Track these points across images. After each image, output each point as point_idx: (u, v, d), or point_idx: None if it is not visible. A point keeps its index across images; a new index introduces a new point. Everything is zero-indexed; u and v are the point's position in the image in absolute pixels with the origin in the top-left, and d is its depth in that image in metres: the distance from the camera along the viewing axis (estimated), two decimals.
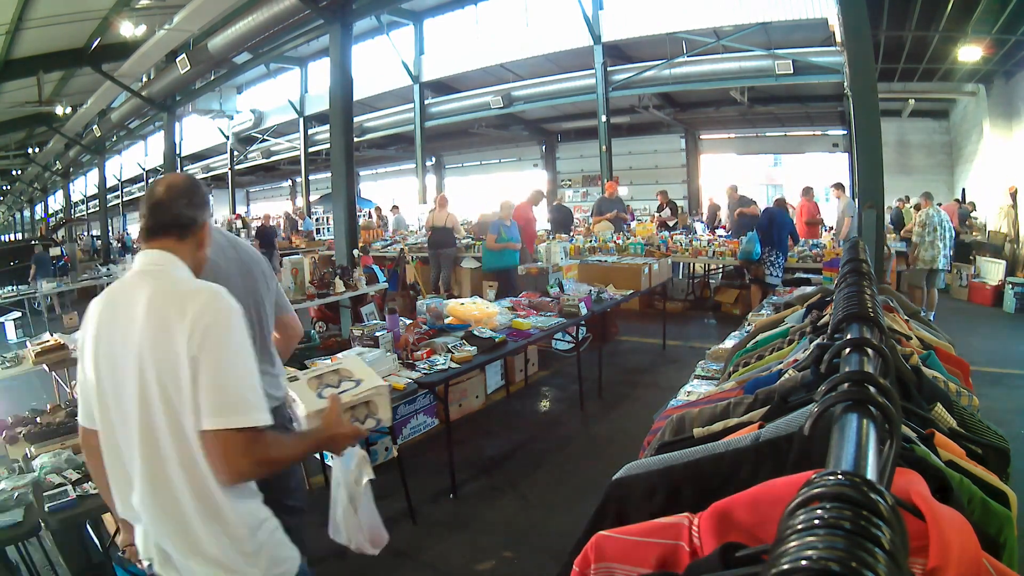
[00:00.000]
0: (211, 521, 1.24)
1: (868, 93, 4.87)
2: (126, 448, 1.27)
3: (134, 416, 1.23)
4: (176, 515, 1.24)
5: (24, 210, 31.95)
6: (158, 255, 1.33)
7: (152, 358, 1.21)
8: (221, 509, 1.24)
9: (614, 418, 4.45)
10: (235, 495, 1.26)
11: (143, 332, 1.23)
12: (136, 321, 1.24)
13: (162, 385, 1.21)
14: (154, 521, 1.26)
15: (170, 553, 1.27)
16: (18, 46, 8.80)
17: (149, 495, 1.24)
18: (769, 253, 7.06)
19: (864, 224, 4.81)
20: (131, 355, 1.23)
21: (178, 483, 1.23)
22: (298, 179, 19.73)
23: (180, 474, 1.22)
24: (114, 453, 1.31)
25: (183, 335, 1.19)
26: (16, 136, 16.74)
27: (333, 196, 7.54)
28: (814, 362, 1.10)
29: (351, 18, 7.26)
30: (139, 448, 1.24)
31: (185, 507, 1.23)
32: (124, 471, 1.30)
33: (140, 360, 1.22)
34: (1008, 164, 9.43)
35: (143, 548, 1.33)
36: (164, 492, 1.23)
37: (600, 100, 11.10)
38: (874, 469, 0.56)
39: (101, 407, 1.31)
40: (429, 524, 3.07)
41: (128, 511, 1.33)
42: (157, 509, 1.25)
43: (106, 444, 1.33)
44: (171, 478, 1.23)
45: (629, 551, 0.75)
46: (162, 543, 1.28)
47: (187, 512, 1.23)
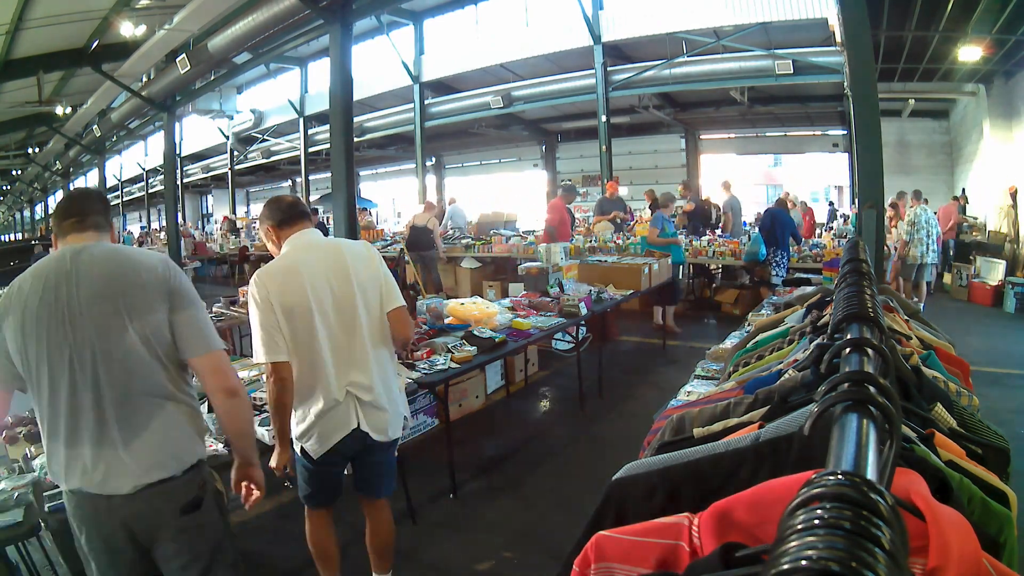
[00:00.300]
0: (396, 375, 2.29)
1: (868, 93, 4.87)
2: (346, 343, 2.07)
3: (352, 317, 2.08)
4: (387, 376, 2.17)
5: (24, 210, 31.96)
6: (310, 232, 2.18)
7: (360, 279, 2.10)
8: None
9: (614, 418, 4.45)
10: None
11: (354, 264, 2.10)
12: (342, 259, 2.10)
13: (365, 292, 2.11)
14: (373, 385, 2.09)
15: (383, 405, 2.12)
16: (18, 46, 8.81)
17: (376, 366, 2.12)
18: (774, 254, 7.03)
19: (864, 224, 4.81)
20: (345, 280, 2.07)
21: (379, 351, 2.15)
22: (298, 179, 19.73)
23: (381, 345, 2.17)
24: (329, 355, 2.03)
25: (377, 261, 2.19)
26: (16, 136, 16.75)
27: (333, 196, 7.54)
28: (814, 362, 1.10)
29: (351, 18, 7.26)
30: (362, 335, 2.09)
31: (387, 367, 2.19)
32: (344, 360, 2.06)
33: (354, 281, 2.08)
34: (1008, 164, 9.43)
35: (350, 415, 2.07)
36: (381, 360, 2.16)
37: (600, 100, 11.10)
38: (874, 469, 0.56)
39: (317, 325, 2.01)
40: (429, 524, 3.07)
41: (341, 389, 2.04)
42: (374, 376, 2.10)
43: (320, 354, 2.02)
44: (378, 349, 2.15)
45: (629, 551, 0.75)
46: (377, 400, 2.10)
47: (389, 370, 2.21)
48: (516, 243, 9.30)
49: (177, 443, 1.57)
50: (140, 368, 1.51)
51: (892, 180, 7.25)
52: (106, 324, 1.48)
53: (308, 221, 2.17)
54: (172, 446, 1.55)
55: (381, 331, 2.16)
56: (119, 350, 1.48)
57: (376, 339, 2.13)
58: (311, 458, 2.09)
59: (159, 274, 1.55)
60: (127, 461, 1.49)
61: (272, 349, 1.95)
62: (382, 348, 2.16)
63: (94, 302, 1.47)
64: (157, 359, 1.54)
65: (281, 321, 1.96)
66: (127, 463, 1.49)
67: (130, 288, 1.51)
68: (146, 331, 1.51)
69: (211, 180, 24.80)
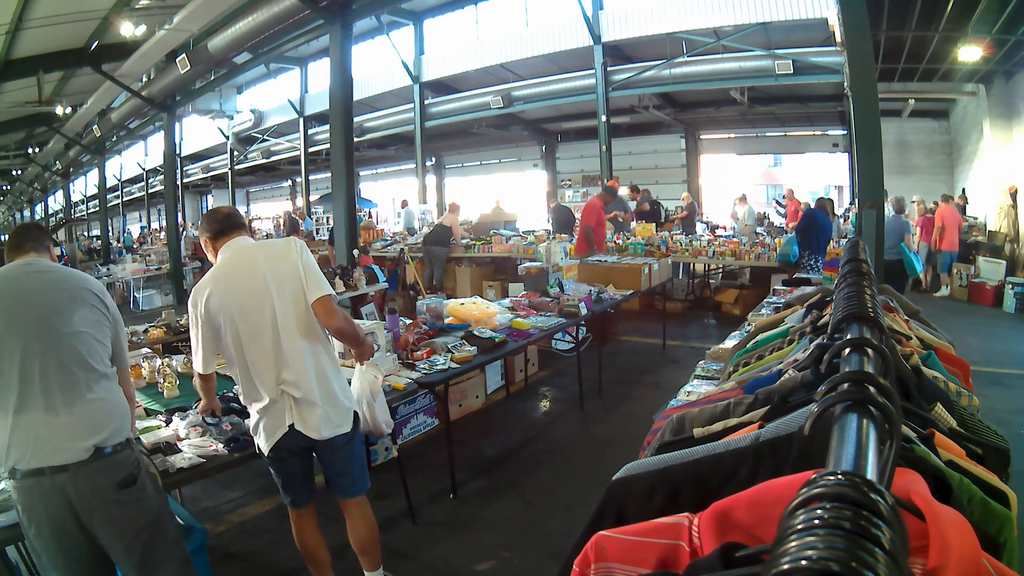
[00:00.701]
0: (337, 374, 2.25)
1: (868, 93, 4.86)
2: (270, 343, 2.10)
3: (271, 315, 2.10)
4: (319, 372, 2.16)
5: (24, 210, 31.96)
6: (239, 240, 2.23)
7: (276, 275, 2.11)
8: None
9: (614, 418, 4.45)
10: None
11: (269, 262, 2.12)
12: (257, 260, 2.13)
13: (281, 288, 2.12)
14: (302, 382, 2.10)
15: (315, 401, 2.12)
16: (18, 46, 8.79)
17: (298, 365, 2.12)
18: (808, 257, 6.78)
19: (864, 224, 4.81)
20: (260, 280, 2.10)
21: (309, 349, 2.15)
22: (298, 179, 19.74)
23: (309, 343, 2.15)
24: (259, 357, 2.10)
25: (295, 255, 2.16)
26: (16, 136, 16.73)
27: (333, 196, 7.54)
28: (814, 362, 1.10)
29: (351, 18, 7.26)
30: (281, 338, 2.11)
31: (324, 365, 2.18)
32: (270, 361, 2.09)
33: (268, 279, 2.10)
34: (1008, 164, 9.43)
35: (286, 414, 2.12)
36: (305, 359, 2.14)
37: (600, 100, 11.09)
38: (874, 469, 0.56)
39: (240, 328, 2.09)
40: (429, 524, 3.07)
41: (275, 388, 2.10)
42: (304, 373, 2.11)
43: (252, 356, 2.10)
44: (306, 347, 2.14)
45: (629, 551, 0.75)
46: (308, 396, 2.10)
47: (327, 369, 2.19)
48: (516, 243, 9.30)
49: (111, 417, 1.81)
50: (87, 347, 1.82)
51: (892, 180, 7.25)
52: (58, 311, 1.80)
53: (241, 231, 2.24)
54: (107, 418, 1.79)
55: (307, 325, 2.14)
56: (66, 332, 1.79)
57: (303, 333, 2.12)
58: (263, 453, 2.20)
59: (94, 289, 1.94)
60: (71, 424, 1.72)
61: (201, 361, 2.19)
62: (312, 342, 2.15)
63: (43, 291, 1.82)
64: (98, 343, 1.87)
65: (212, 333, 2.12)
66: (71, 426, 1.72)
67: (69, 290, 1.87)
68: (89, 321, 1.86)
69: (211, 180, 24.78)
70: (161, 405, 2.99)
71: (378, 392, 2.45)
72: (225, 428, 2.44)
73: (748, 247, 7.76)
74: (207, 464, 2.24)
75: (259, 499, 3.42)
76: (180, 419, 2.54)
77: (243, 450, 2.34)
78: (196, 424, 2.47)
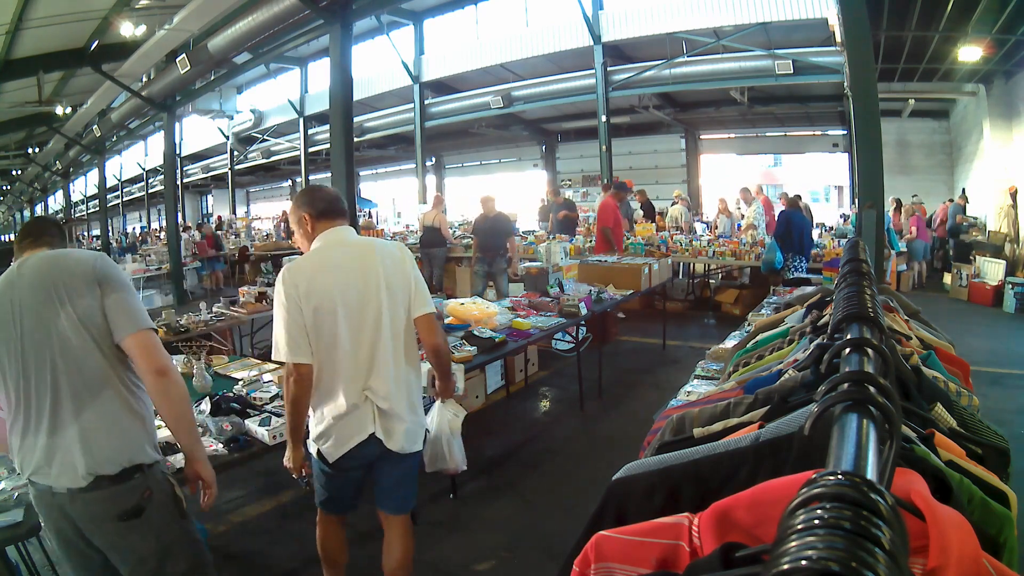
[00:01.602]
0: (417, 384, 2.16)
1: (868, 93, 4.86)
2: (368, 346, 1.98)
3: (376, 320, 1.99)
4: (408, 386, 2.07)
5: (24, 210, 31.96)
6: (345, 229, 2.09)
7: (389, 281, 2.00)
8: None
9: (614, 418, 4.45)
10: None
11: (384, 266, 2.00)
12: (372, 260, 2.00)
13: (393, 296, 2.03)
14: (390, 393, 2.00)
15: (402, 415, 2.03)
16: (18, 46, 8.80)
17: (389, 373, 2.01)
18: (791, 259, 6.73)
19: (864, 224, 4.81)
20: (372, 282, 1.98)
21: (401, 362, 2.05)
22: (298, 179, 19.74)
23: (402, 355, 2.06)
24: (349, 358, 1.96)
25: (408, 264, 2.09)
26: (16, 136, 16.74)
27: None
28: (814, 362, 1.10)
29: (351, 18, 7.25)
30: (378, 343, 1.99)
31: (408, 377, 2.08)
32: (362, 365, 1.97)
33: (382, 284, 1.99)
34: (1008, 164, 9.43)
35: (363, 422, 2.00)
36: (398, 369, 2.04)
37: (600, 100, 11.09)
38: (874, 469, 0.56)
39: (340, 326, 1.94)
40: (429, 524, 3.07)
41: (360, 394, 1.97)
42: (394, 383, 2.01)
43: (341, 355, 1.95)
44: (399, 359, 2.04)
45: (629, 551, 0.75)
46: (396, 409, 2.01)
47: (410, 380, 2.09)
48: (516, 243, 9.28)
49: (111, 435, 1.57)
50: (76, 353, 1.55)
51: (892, 180, 7.23)
52: (41, 312, 1.55)
53: (345, 218, 2.10)
54: (106, 438, 1.56)
55: (407, 337, 2.06)
56: (54, 336, 1.54)
57: (401, 345, 2.03)
58: (326, 461, 2.01)
59: (88, 264, 1.61)
60: (65, 448, 1.53)
61: (295, 349, 1.90)
62: (407, 355, 2.06)
63: (30, 294, 1.56)
64: (93, 342, 1.57)
65: (307, 320, 1.91)
66: (66, 449, 1.53)
67: (61, 278, 1.57)
68: (77, 314, 1.55)
69: (211, 180, 24.80)
70: None
71: (456, 431, 2.44)
72: (225, 428, 2.44)
73: (748, 247, 7.76)
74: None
75: (259, 499, 3.42)
76: None
77: (243, 450, 2.35)
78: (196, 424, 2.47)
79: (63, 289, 1.55)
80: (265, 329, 5.43)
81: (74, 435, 1.53)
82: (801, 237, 6.80)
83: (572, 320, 4.34)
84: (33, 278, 1.58)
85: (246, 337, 5.46)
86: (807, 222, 7.20)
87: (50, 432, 1.54)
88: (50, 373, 1.54)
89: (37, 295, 1.56)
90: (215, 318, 4.91)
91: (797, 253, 6.80)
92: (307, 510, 3.27)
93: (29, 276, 1.59)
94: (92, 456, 1.53)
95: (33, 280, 1.58)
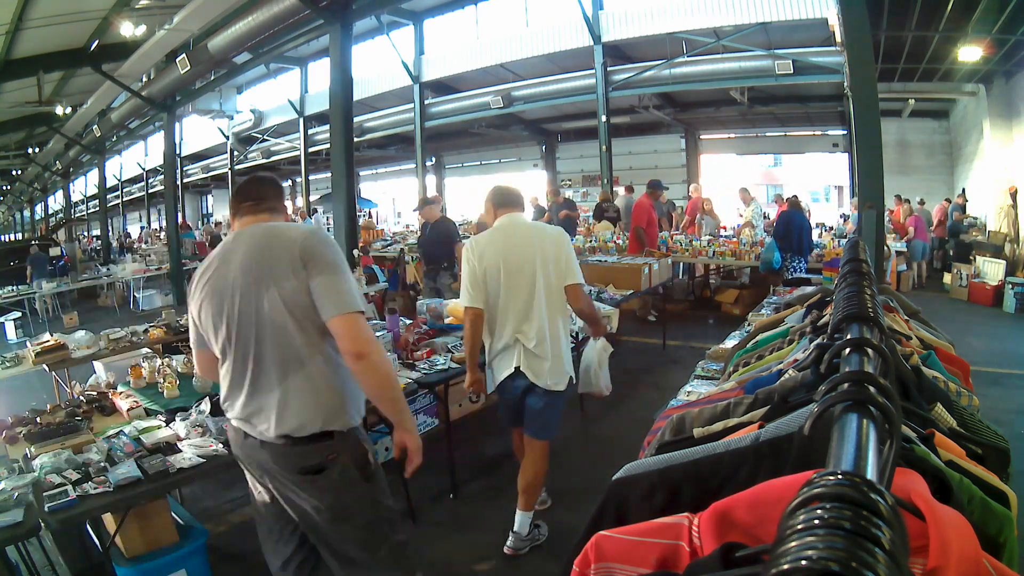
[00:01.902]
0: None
1: (868, 93, 4.86)
2: (522, 301, 2.62)
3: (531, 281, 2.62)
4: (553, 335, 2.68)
5: (24, 210, 31.95)
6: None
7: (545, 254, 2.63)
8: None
9: (614, 418, 4.44)
10: None
11: (542, 242, 2.65)
12: (532, 237, 2.68)
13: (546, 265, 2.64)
14: (536, 337, 2.61)
15: (544, 356, 2.64)
16: (18, 46, 8.79)
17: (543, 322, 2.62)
18: (790, 259, 6.70)
19: (864, 224, 4.81)
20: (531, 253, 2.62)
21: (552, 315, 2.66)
22: (298, 179, 19.72)
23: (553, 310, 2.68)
24: (508, 308, 2.63)
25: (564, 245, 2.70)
26: (16, 136, 16.73)
27: (333, 196, 7.54)
28: (814, 362, 1.10)
29: (351, 18, 7.26)
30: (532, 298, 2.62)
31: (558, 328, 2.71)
32: (518, 312, 2.62)
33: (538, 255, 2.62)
34: (1008, 164, 9.43)
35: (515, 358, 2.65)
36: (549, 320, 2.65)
37: (600, 100, 11.09)
38: (874, 469, 0.56)
39: (503, 283, 2.63)
40: (429, 524, 3.07)
41: (512, 336, 2.64)
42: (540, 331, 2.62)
43: (506, 299, 2.63)
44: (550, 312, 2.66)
45: (629, 551, 0.75)
46: (538, 350, 2.62)
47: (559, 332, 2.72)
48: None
49: (304, 406, 1.66)
50: (280, 332, 1.64)
51: (892, 180, 7.23)
52: (248, 292, 1.66)
53: (518, 208, 2.82)
54: (301, 407, 1.66)
55: (558, 298, 2.68)
56: (260, 315, 1.65)
57: (550, 303, 2.65)
58: (493, 382, 2.75)
59: (296, 246, 1.66)
60: (264, 408, 1.67)
61: (467, 297, 2.66)
62: (554, 311, 2.67)
63: (241, 274, 1.67)
64: (297, 322, 1.64)
65: (479, 277, 2.62)
66: (264, 409, 1.67)
67: (268, 262, 1.66)
68: (282, 297, 1.63)
69: (211, 180, 24.79)
70: (161, 405, 2.99)
71: (604, 362, 3.07)
72: (225, 428, 2.44)
73: (748, 247, 7.75)
74: (207, 464, 2.25)
75: None
76: (180, 419, 2.54)
77: None
78: (197, 424, 2.48)
79: (269, 274, 1.64)
80: None
81: (273, 400, 1.66)
82: (800, 237, 6.79)
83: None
84: (244, 258, 1.69)
85: None
86: (807, 223, 7.19)
87: (250, 394, 1.69)
88: (255, 346, 1.66)
89: (247, 276, 1.66)
90: None
91: (796, 253, 6.79)
92: None
93: (241, 255, 1.69)
94: (286, 421, 1.65)
95: (244, 260, 1.68)
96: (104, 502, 2.04)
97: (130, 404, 2.98)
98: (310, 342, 1.65)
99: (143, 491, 2.12)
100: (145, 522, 2.38)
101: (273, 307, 1.63)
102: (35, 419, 2.74)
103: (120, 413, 2.99)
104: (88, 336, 4.17)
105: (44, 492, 2.05)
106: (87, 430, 2.61)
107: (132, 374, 3.38)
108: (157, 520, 2.42)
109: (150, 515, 2.39)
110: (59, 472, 2.17)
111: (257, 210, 1.80)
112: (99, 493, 2.05)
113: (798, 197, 7.64)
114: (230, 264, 1.70)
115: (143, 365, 3.47)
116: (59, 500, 1.99)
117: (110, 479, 2.10)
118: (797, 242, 6.76)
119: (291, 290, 1.62)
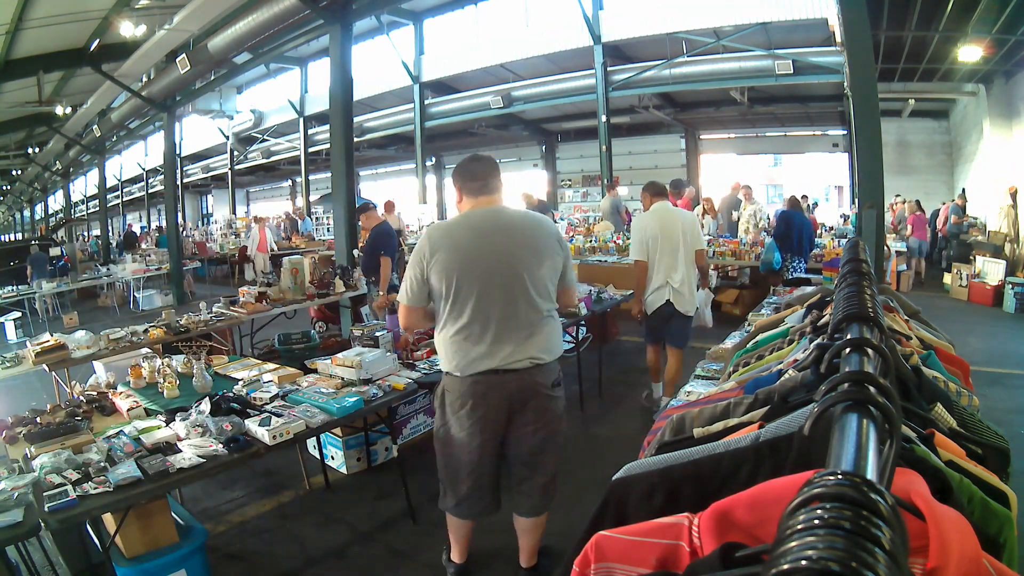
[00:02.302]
0: None
1: (868, 93, 4.86)
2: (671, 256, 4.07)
3: (677, 245, 4.08)
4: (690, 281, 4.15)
5: (24, 210, 31.96)
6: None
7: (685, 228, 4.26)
8: None
9: (614, 418, 4.44)
10: None
11: (683, 221, 4.24)
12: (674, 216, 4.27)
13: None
14: (681, 281, 4.08)
15: (685, 293, 4.10)
16: (18, 46, 8.80)
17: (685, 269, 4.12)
18: (790, 260, 6.69)
19: (864, 224, 4.80)
20: (675, 227, 4.13)
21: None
22: (298, 179, 19.75)
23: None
24: (662, 261, 4.06)
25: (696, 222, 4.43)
26: (16, 136, 16.74)
27: (333, 196, 7.53)
28: (814, 362, 1.10)
29: (351, 18, 7.25)
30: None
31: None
32: (670, 264, 4.07)
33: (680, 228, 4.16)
34: (1008, 164, 9.42)
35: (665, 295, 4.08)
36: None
37: (600, 100, 11.10)
38: (874, 469, 0.56)
39: (660, 245, 4.07)
40: (429, 524, 3.07)
41: (664, 278, 4.07)
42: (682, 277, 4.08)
43: (660, 257, 4.07)
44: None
45: (629, 551, 0.75)
46: (682, 289, 4.08)
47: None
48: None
49: (551, 340, 2.32)
50: (536, 292, 2.22)
51: (892, 180, 7.23)
52: (523, 260, 2.19)
53: (665, 197, 4.24)
54: (548, 342, 2.31)
55: (690, 257, 4.08)
56: (528, 279, 2.19)
57: (687, 259, 4.06)
58: (649, 312, 4.14)
59: (555, 232, 2.34)
60: (520, 347, 2.22)
61: (637, 253, 4.09)
62: (690, 264, 4.08)
63: (514, 246, 2.19)
64: (550, 286, 2.29)
65: (647, 240, 4.04)
66: (526, 348, 2.23)
67: (542, 239, 2.25)
68: (546, 268, 2.24)
69: (211, 180, 24.81)
70: (161, 405, 2.99)
71: (706, 303, 4.75)
72: (225, 428, 2.44)
73: (748, 247, 7.75)
74: (207, 464, 2.24)
75: (259, 499, 3.42)
76: (180, 419, 2.54)
77: (243, 450, 2.34)
78: (197, 424, 2.47)
79: (543, 248, 2.24)
80: (264, 330, 5.43)
81: (526, 339, 2.22)
82: (800, 238, 6.78)
83: (572, 320, 4.34)
84: (518, 234, 2.21)
85: (246, 337, 5.46)
86: (808, 223, 7.18)
87: (498, 339, 2.19)
88: (512, 304, 2.18)
89: (523, 250, 2.20)
90: (215, 318, 4.91)
91: (796, 254, 6.78)
92: (306, 511, 3.28)
93: (518, 231, 2.22)
94: (537, 351, 2.25)
95: (519, 236, 2.21)
96: (104, 502, 2.04)
97: (130, 404, 2.98)
98: (551, 300, 2.32)
99: (143, 491, 2.11)
100: (145, 522, 2.38)
101: (541, 275, 2.21)
102: (35, 419, 2.73)
103: (120, 413, 2.99)
104: (88, 336, 4.17)
105: (44, 492, 2.04)
106: (87, 430, 2.60)
107: (132, 374, 3.38)
108: (157, 520, 2.42)
109: (150, 515, 2.39)
110: (59, 472, 2.17)
111: (489, 191, 2.26)
112: (99, 493, 2.05)
113: (797, 197, 7.62)
114: (490, 236, 2.18)
115: (143, 365, 3.47)
116: (59, 500, 1.99)
117: (110, 479, 2.10)
118: (797, 242, 6.75)
119: (552, 264, 2.26)
